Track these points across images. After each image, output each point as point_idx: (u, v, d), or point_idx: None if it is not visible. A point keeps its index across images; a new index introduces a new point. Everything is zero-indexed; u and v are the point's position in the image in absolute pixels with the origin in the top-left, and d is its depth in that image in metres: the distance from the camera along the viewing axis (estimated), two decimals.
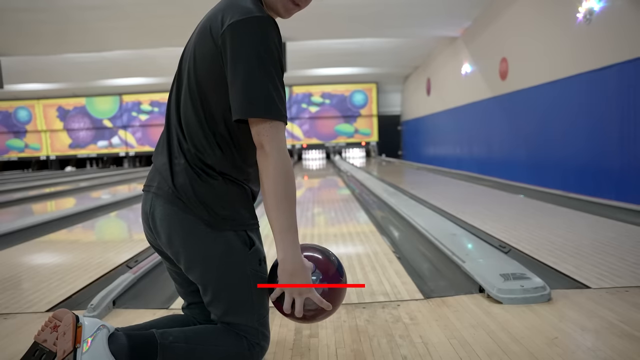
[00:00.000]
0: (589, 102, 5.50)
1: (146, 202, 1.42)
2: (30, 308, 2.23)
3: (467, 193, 6.11)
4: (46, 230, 4.37)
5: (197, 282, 1.40)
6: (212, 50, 1.30)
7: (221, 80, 1.30)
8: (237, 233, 1.37)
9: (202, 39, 1.33)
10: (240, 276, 1.37)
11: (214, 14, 1.33)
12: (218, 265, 1.36)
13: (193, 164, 1.35)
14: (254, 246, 1.40)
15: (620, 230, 3.37)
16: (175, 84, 1.44)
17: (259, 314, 1.41)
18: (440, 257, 2.86)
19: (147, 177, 1.46)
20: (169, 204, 1.35)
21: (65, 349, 1.18)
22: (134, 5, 7.90)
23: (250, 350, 1.39)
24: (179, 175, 1.35)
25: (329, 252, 1.46)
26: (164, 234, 1.37)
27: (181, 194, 1.34)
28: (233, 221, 1.37)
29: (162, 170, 1.39)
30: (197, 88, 1.34)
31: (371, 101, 17.52)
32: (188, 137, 1.36)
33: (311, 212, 5.01)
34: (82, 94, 17.33)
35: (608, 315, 1.84)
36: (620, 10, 4.95)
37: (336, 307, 1.40)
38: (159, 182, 1.38)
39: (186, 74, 1.37)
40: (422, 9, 8.59)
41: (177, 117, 1.40)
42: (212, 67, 1.31)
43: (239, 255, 1.36)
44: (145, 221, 1.44)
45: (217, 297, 1.38)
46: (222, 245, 1.35)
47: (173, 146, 1.39)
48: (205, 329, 1.40)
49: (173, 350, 1.30)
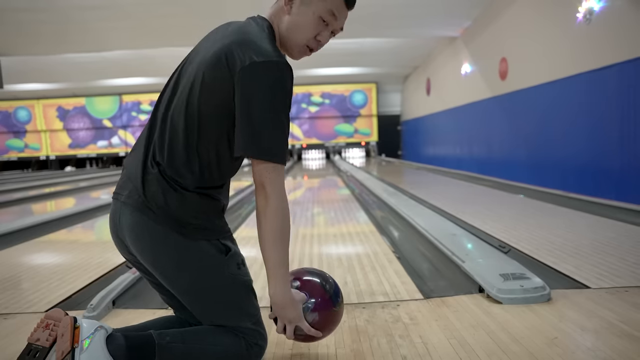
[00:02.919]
0: (589, 102, 5.49)
1: (115, 210, 1.40)
2: (30, 308, 2.23)
3: (467, 193, 6.11)
4: (46, 230, 4.37)
5: (177, 293, 1.40)
6: (226, 82, 1.29)
7: (226, 111, 1.31)
8: (210, 242, 1.36)
9: (215, 66, 1.31)
10: (220, 282, 1.37)
11: (230, 46, 1.31)
12: (196, 275, 1.35)
13: (166, 174, 1.34)
14: (230, 251, 1.39)
15: (620, 230, 3.37)
16: (168, 94, 1.41)
17: (250, 315, 1.41)
18: (440, 257, 2.86)
19: (117, 183, 1.43)
20: (138, 212, 1.33)
21: (63, 349, 1.18)
22: (134, 5, 7.89)
23: (249, 350, 1.39)
24: (151, 184, 1.33)
25: (327, 278, 1.53)
26: (134, 244, 1.36)
27: (151, 204, 1.32)
28: (205, 231, 1.36)
29: (134, 177, 1.37)
30: (197, 111, 1.33)
31: (371, 101, 17.52)
32: (169, 150, 1.34)
33: (311, 212, 5.01)
34: (82, 94, 17.32)
35: (608, 315, 1.84)
36: (620, 10, 4.94)
37: (329, 332, 1.50)
38: (129, 190, 1.36)
39: (187, 92, 1.35)
40: (422, 9, 8.59)
41: (162, 126, 1.38)
42: (221, 96, 1.31)
43: (215, 263, 1.36)
44: (113, 231, 1.42)
45: (202, 306, 1.39)
46: (196, 254, 1.34)
47: (149, 153, 1.37)
48: (203, 329, 1.40)
49: (170, 351, 1.30)
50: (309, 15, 1.36)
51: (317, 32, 1.39)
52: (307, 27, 1.37)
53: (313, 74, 15.02)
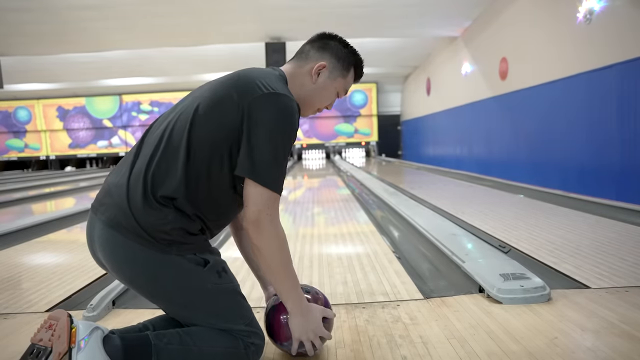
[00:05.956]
0: (589, 102, 5.49)
1: (90, 224, 1.40)
2: (29, 308, 2.23)
3: (467, 193, 6.11)
4: (46, 230, 4.37)
5: (161, 307, 1.42)
6: (234, 108, 1.34)
7: (228, 137, 1.34)
8: (183, 257, 1.35)
9: (224, 91, 1.37)
10: (202, 295, 1.37)
11: (248, 81, 1.37)
12: (175, 290, 1.36)
13: (151, 193, 1.33)
14: (209, 263, 1.39)
15: (620, 230, 3.37)
16: (168, 116, 1.44)
17: (242, 317, 1.41)
18: (440, 257, 2.86)
19: (96, 196, 1.43)
20: (109, 228, 1.32)
21: (60, 350, 1.18)
22: (134, 5, 7.89)
23: (246, 350, 1.39)
24: (132, 200, 1.33)
25: (317, 291, 1.62)
26: (107, 261, 1.36)
27: (127, 220, 1.31)
28: (181, 246, 1.35)
29: (115, 192, 1.36)
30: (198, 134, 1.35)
31: (371, 101, 17.52)
32: (163, 172, 1.34)
33: (311, 212, 5.01)
34: (82, 93, 17.32)
35: (608, 315, 1.84)
36: (620, 10, 4.94)
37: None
38: (107, 205, 1.36)
39: (191, 113, 1.37)
40: (422, 9, 8.58)
41: (154, 148, 1.38)
42: (224, 122, 1.34)
43: (193, 276, 1.36)
44: (89, 245, 1.42)
45: (189, 316, 1.40)
46: (172, 269, 1.34)
47: (135, 171, 1.37)
48: (200, 329, 1.40)
49: (168, 351, 1.30)
50: (330, 89, 1.57)
51: (331, 102, 1.61)
52: (327, 98, 1.59)
53: None
